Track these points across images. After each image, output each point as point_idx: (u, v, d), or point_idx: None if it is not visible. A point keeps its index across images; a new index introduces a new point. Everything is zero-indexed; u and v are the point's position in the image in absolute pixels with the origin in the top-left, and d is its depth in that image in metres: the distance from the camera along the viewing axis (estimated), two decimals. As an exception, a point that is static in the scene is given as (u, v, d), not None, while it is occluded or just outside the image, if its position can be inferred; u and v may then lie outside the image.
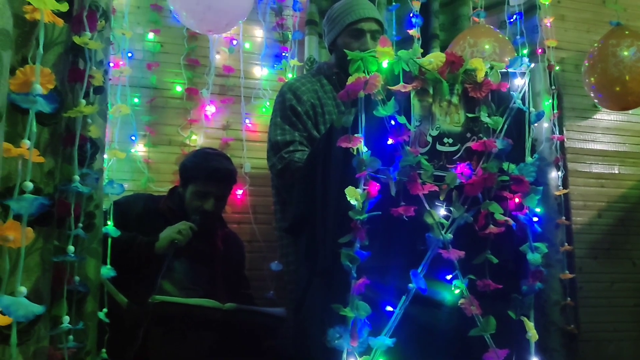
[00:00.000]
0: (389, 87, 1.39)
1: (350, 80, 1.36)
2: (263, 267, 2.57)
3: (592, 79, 2.77)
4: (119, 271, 1.59)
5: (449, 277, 1.37)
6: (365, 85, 1.35)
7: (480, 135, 1.48)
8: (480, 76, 1.47)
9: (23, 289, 0.78)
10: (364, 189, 1.33)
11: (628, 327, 3.11)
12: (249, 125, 2.74)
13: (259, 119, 2.76)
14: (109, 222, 1.61)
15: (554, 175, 2.91)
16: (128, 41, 2.37)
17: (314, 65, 2.62)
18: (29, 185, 0.82)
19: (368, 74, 1.37)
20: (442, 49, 2.80)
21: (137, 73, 2.59)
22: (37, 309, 0.77)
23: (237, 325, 1.90)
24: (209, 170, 2.14)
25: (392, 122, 1.39)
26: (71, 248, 1.14)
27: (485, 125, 1.48)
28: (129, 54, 2.57)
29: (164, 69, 2.67)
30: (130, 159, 2.52)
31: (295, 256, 1.84)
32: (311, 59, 2.65)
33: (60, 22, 0.94)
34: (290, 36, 2.78)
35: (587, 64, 2.85)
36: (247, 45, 2.79)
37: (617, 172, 3.28)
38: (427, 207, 1.37)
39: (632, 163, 3.30)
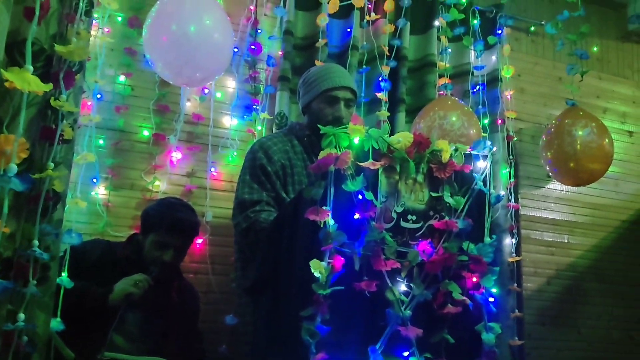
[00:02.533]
0: (359, 163, 1.43)
1: (322, 154, 1.39)
2: (217, 320, 2.52)
3: (548, 153, 2.91)
4: (69, 322, 1.53)
5: (406, 354, 1.39)
6: (336, 161, 1.38)
7: (443, 214, 1.53)
8: (445, 157, 1.53)
9: None
10: (329, 262, 1.35)
11: (573, 396, 3.19)
12: (214, 173, 2.74)
13: (224, 167, 2.76)
14: (63, 273, 1.57)
15: (508, 242, 3.01)
16: (98, 84, 2.35)
17: (284, 120, 2.66)
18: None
19: (339, 149, 1.41)
20: (408, 113, 2.90)
21: (104, 115, 2.56)
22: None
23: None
24: (172, 221, 2.11)
25: (360, 197, 1.43)
26: (21, 316, 1.10)
27: (448, 205, 1.53)
28: (98, 96, 2.55)
29: (132, 112, 2.65)
30: (90, 202, 2.47)
31: (253, 316, 1.82)
32: (281, 114, 2.69)
33: (41, 93, 0.94)
34: (262, 89, 2.82)
35: (544, 138, 3.00)
36: (218, 95, 2.81)
37: (566, 241, 3.40)
38: (389, 283, 1.40)
39: (581, 233, 3.44)
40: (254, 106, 2.80)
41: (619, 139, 3.59)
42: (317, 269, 1.34)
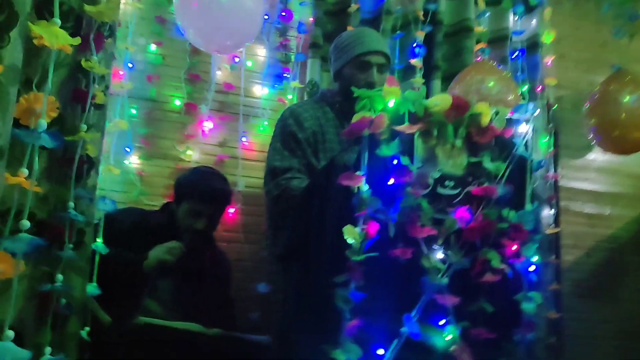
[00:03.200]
0: (394, 127, 1.38)
1: (355, 118, 1.35)
2: (249, 288, 2.53)
3: (592, 120, 2.79)
4: (104, 288, 1.55)
5: (442, 322, 1.36)
6: (370, 124, 1.34)
7: (482, 180, 1.47)
8: (485, 121, 1.47)
9: (11, 333, 0.75)
10: (363, 229, 1.31)
11: (611, 367, 3.12)
12: (246, 143, 2.72)
13: (256, 137, 2.74)
14: (98, 239, 1.58)
15: (547, 213, 2.92)
16: (130, 52, 2.34)
17: (315, 88, 2.60)
18: (26, 224, 0.79)
19: (374, 113, 1.36)
20: (444, 80, 2.80)
21: (136, 84, 2.56)
22: (24, 355, 0.74)
23: (220, 351, 1.86)
24: (204, 189, 2.12)
25: (395, 162, 1.38)
26: (59, 277, 1.11)
27: (487, 171, 1.47)
28: (130, 65, 2.55)
29: (164, 81, 2.65)
30: (124, 171, 2.48)
31: (284, 284, 1.81)
32: (312, 82, 2.64)
33: (69, 50, 0.92)
34: (292, 57, 2.77)
35: (588, 105, 2.87)
36: (249, 64, 2.77)
37: (608, 212, 3.29)
38: (425, 251, 1.36)
39: (623, 205, 3.32)
40: (285, 74, 2.76)
41: (667, 106, 3.42)
42: (351, 235, 1.30)
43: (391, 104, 1.37)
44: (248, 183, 2.68)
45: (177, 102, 2.65)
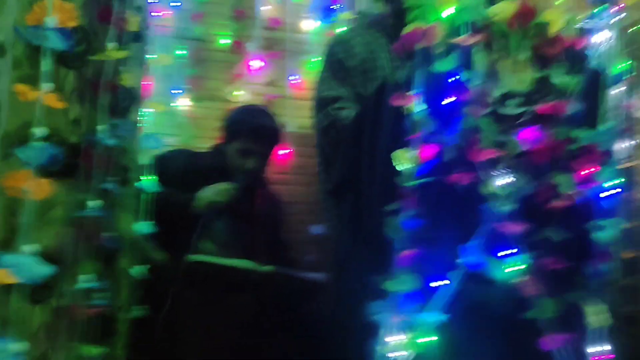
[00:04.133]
0: (450, 40, 1.24)
1: (406, 29, 1.22)
2: (302, 230, 2.49)
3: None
4: (156, 229, 1.53)
5: (505, 253, 1.25)
6: (423, 36, 1.21)
7: (550, 97, 1.31)
8: (553, 30, 1.30)
9: (29, 248, 0.71)
10: (416, 153, 1.21)
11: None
12: (296, 81, 2.62)
13: (305, 75, 2.63)
14: (148, 177, 1.55)
15: (620, 146, 2.69)
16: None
17: (366, 20, 2.45)
18: (40, 131, 0.74)
19: (427, 23, 1.22)
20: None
21: (181, 23, 2.49)
22: (44, 270, 0.70)
23: (274, 289, 1.83)
24: (253, 127, 2.07)
25: (451, 79, 1.25)
26: (96, 203, 1.07)
27: (556, 87, 1.32)
28: (174, 3, 2.47)
29: (209, 20, 2.56)
30: (172, 113, 2.45)
31: (338, 220, 1.74)
32: (363, 13, 2.48)
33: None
34: (341, -13, 2.61)
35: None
36: (296, -3, 2.64)
37: (690, 146, 3.01)
38: (487, 175, 1.24)
39: None
40: (334, 6, 2.61)
41: None
42: (402, 159, 1.20)
43: (447, 12, 1.22)
44: (299, 124, 2.59)
45: (224, 41, 2.57)
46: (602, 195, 1.31)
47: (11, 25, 0.76)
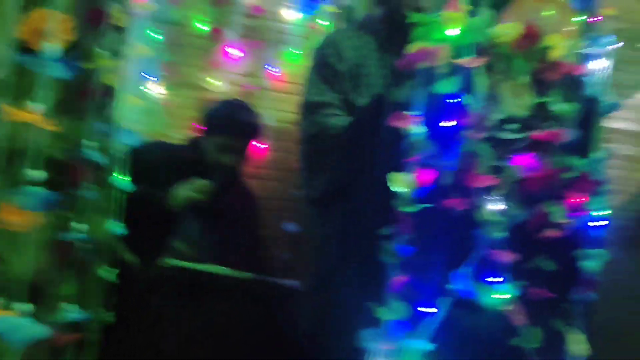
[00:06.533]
0: (454, 60, 1.20)
1: (412, 48, 1.17)
2: (276, 227, 2.44)
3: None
4: (129, 229, 1.46)
5: (492, 279, 1.24)
6: (427, 56, 1.16)
7: (547, 123, 1.30)
8: (556, 55, 1.28)
9: (29, 307, 0.65)
10: (413, 176, 1.17)
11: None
12: (274, 73, 2.54)
13: (285, 67, 2.56)
14: (121, 176, 1.47)
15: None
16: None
17: (352, 14, 2.39)
18: (39, 175, 0.67)
19: (432, 42, 1.18)
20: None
21: (159, 7, 2.36)
22: (40, 331, 0.63)
23: (251, 295, 1.79)
24: (236, 124, 2.00)
25: (452, 101, 1.21)
26: (80, 225, 0.99)
27: (554, 113, 1.30)
28: (151, -16, 2.34)
29: (188, 4, 2.45)
30: (147, 101, 2.34)
31: (321, 229, 1.69)
32: (348, 7, 2.42)
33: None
34: (327, -22, 2.53)
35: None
36: (279, -16, 2.55)
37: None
38: (481, 201, 1.22)
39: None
40: (318, -2, 2.54)
41: None
42: (398, 183, 1.16)
43: (453, 32, 1.18)
44: (277, 116, 2.52)
45: (203, 27, 2.46)
46: (590, 224, 1.31)
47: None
